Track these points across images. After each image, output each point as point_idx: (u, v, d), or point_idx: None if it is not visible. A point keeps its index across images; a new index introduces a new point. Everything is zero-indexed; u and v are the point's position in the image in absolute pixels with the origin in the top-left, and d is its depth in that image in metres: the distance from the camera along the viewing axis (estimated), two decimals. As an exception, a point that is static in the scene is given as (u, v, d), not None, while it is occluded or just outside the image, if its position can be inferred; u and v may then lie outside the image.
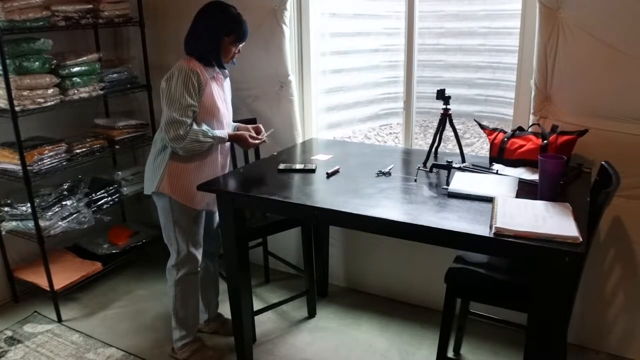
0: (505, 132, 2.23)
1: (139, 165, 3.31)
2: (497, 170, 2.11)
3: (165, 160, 2.16)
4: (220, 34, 2.12)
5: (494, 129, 2.26)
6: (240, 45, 2.21)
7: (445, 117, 2.24)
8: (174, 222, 2.21)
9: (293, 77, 2.77)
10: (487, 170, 2.12)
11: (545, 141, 2.08)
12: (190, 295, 2.32)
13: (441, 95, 2.20)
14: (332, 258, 2.89)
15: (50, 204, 2.69)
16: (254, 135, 2.31)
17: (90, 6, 2.74)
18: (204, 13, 2.14)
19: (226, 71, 2.28)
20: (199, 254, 2.29)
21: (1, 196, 2.75)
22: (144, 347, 2.49)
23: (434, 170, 2.16)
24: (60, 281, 2.74)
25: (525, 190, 1.91)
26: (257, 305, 2.61)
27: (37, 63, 2.48)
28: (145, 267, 3.23)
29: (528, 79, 2.28)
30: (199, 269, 2.31)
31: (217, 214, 2.34)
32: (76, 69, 2.68)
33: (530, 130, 2.22)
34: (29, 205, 2.57)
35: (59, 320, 2.72)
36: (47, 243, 2.64)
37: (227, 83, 2.31)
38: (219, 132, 2.17)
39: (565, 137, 2.08)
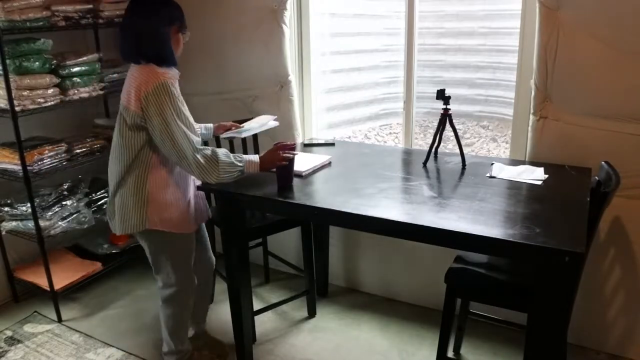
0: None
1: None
2: (494, 169, 2.11)
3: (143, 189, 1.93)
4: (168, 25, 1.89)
5: None
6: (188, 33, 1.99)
7: (445, 117, 2.24)
8: (171, 255, 2.05)
9: (293, 77, 2.77)
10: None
11: None
12: (186, 320, 2.22)
13: (441, 95, 2.20)
14: (332, 258, 2.89)
15: (50, 204, 2.69)
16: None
17: (90, 6, 2.74)
18: (139, 9, 1.89)
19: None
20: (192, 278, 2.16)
21: (1, 196, 2.75)
22: (144, 347, 2.49)
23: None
24: (60, 281, 2.74)
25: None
26: (257, 305, 2.61)
27: (37, 63, 2.48)
28: (145, 267, 3.19)
29: (528, 79, 2.28)
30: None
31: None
32: (76, 69, 2.68)
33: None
34: (29, 205, 2.56)
35: (59, 320, 2.71)
36: (47, 243, 2.63)
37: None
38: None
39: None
